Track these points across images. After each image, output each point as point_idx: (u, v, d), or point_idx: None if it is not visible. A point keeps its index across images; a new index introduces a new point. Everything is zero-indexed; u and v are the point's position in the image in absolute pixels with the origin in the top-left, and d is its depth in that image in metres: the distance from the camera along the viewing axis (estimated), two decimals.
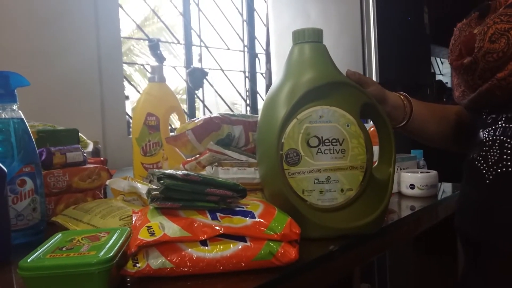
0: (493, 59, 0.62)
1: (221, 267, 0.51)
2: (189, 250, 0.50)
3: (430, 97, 2.36)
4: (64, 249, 0.48)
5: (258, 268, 0.52)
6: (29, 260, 0.45)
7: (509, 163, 0.62)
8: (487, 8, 0.67)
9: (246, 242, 0.52)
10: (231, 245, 0.52)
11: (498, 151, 0.64)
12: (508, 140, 0.63)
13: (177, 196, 0.54)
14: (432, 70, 2.62)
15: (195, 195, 0.55)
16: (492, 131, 0.66)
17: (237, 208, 0.57)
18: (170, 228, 0.51)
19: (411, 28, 2.27)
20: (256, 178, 0.74)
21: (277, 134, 0.64)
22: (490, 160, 0.65)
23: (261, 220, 0.54)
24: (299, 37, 0.69)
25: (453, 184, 1.11)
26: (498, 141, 0.64)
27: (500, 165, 0.63)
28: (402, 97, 0.80)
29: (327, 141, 0.65)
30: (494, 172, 0.64)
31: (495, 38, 0.62)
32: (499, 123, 0.66)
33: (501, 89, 0.63)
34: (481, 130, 0.70)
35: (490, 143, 0.66)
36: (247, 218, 0.54)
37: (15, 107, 0.67)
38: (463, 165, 0.73)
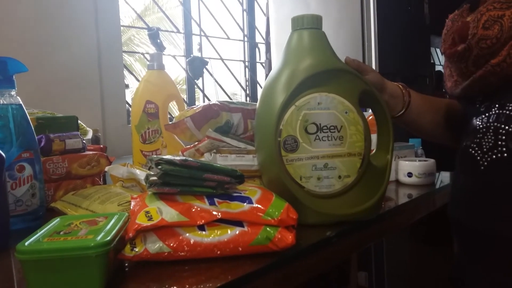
0: (487, 45, 0.62)
1: (219, 252, 0.51)
2: (187, 234, 0.51)
3: (429, 87, 2.35)
4: (62, 233, 0.48)
5: (255, 253, 0.52)
6: (26, 243, 0.45)
7: (504, 148, 0.62)
8: (477, 0, 0.67)
9: (244, 227, 0.52)
10: (229, 230, 0.52)
11: (493, 137, 0.64)
12: (502, 126, 0.63)
13: (175, 181, 0.54)
14: (432, 61, 2.61)
15: (193, 181, 0.55)
16: (486, 118, 0.66)
17: (235, 194, 0.57)
18: (168, 213, 0.51)
19: (411, 18, 2.25)
20: (254, 165, 0.74)
21: (275, 120, 0.64)
22: (484, 146, 0.65)
23: (259, 206, 0.54)
24: (298, 23, 0.69)
25: (451, 172, 1.11)
26: (492, 127, 0.64)
27: (495, 151, 0.63)
28: (400, 86, 0.80)
29: (325, 128, 0.65)
30: (489, 159, 0.64)
31: (489, 25, 0.62)
32: (493, 110, 0.66)
33: (495, 75, 0.63)
34: (474, 118, 0.70)
35: (484, 130, 0.66)
36: (245, 204, 0.55)
37: (13, 93, 0.67)
38: (457, 153, 0.73)
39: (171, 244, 0.50)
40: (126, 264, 0.52)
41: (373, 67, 2.06)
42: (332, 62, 0.68)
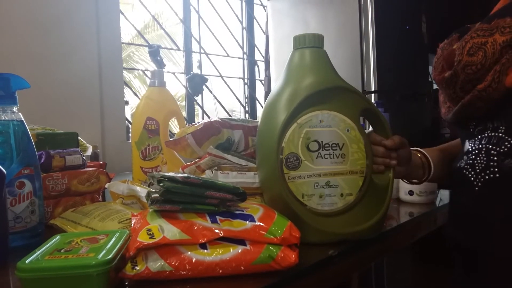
0: (472, 71, 0.65)
1: (221, 271, 0.50)
2: (189, 253, 0.50)
3: (427, 105, 2.36)
4: (62, 251, 0.47)
5: (257, 272, 0.52)
6: (27, 261, 0.44)
7: (496, 169, 0.64)
8: (466, 30, 0.70)
9: (246, 245, 0.52)
10: (231, 249, 0.51)
11: (485, 159, 0.66)
12: (494, 147, 0.65)
13: (177, 198, 0.54)
14: (430, 79, 2.63)
15: (195, 198, 0.55)
16: (478, 140, 0.69)
17: (237, 212, 0.57)
18: (170, 231, 0.51)
19: (409, 37, 2.28)
20: (255, 182, 0.74)
21: (277, 138, 0.64)
22: (477, 167, 0.67)
23: (261, 224, 0.54)
24: (300, 42, 0.69)
25: (450, 191, 1.11)
26: (484, 148, 0.66)
27: (488, 171, 0.65)
28: (419, 154, 0.81)
29: (327, 145, 0.65)
30: (482, 179, 0.66)
31: (473, 52, 0.65)
32: (485, 133, 0.68)
33: (482, 100, 0.65)
34: (467, 141, 0.72)
35: (476, 151, 0.68)
36: (247, 222, 0.54)
37: (15, 109, 0.67)
38: (452, 174, 0.74)
39: (173, 263, 0.49)
40: (127, 283, 0.51)
41: (372, 85, 2.08)
42: (333, 80, 0.68)
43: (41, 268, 0.43)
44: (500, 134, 0.65)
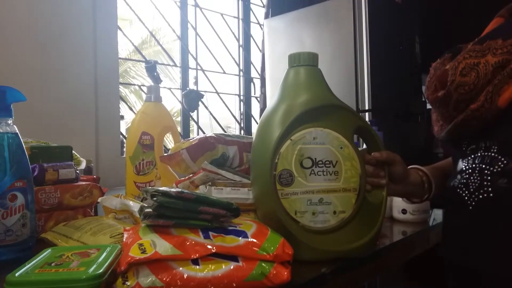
0: (465, 91, 0.66)
1: (212, 287, 0.50)
2: (180, 268, 0.50)
3: (421, 125, 2.39)
4: (53, 264, 0.47)
5: None
6: (16, 274, 0.44)
7: (489, 189, 0.64)
8: (458, 50, 0.72)
9: (238, 262, 0.52)
10: (223, 265, 0.51)
11: (478, 178, 0.66)
12: (487, 167, 0.65)
13: (170, 213, 0.54)
14: (423, 99, 2.67)
15: (188, 213, 0.55)
16: (471, 160, 0.69)
17: (230, 227, 0.57)
18: (162, 246, 0.50)
19: (403, 57, 2.32)
20: (249, 198, 0.74)
21: (271, 154, 0.64)
22: (471, 187, 0.67)
23: (254, 240, 0.54)
24: (295, 60, 0.70)
25: (443, 210, 1.11)
26: (478, 168, 0.67)
27: (481, 191, 0.65)
28: (420, 173, 0.80)
29: (320, 162, 0.65)
30: (476, 199, 0.66)
31: (466, 72, 0.66)
32: (478, 152, 0.68)
33: (475, 119, 0.66)
34: (460, 160, 0.72)
35: (470, 171, 0.68)
36: (240, 238, 0.54)
37: (10, 121, 0.67)
38: (445, 194, 0.75)
39: (164, 279, 0.49)
40: None
41: (366, 104, 2.10)
42: (327, 98, 0.69)
43: (30, 281, 0.43)
44: (493, 154, 0.65)
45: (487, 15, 0.80)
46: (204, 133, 2.47)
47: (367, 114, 2.11)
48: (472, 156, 0.69)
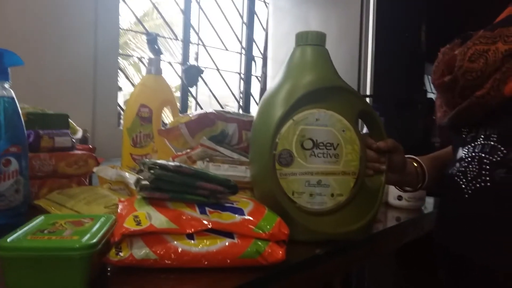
0: (472, 77, 0.65)
1: (206, 262, 0.50)
2: (175, 242, 0.49)
3: (421, 113, 2.38)
4: (45, 231, 0.46)
5: (243, 266, 0.51)
6: (8, 240, 0.43)
7: (487, 178, 0.64)
8: (469, 36, 0.70)
9: (234, 239, 0.51)
10: (218, 241, 0.51)
11: (477, 167, 0.66)
12: (487, 156, 0.65)
13: (167, 187, 0.53)
14: (425, 88, 2.65)
15: (185, 188, 0.54)
16: (471, 148, 0.69)
17: (227, 204, 0.56)
18: (157, 219, 0.50)
19: (408, 44, 2.29)
20: (246, 176, 0.73)
21: (272, 133, 0.63)
22: (469, 175, 0.67)
23: (250, 218, 0.53)
24: (302, 39, 0.69)
25: (435, 199, 1.11)
26: (477, 157, 0.67)
27: (479, 180, 0.65)
28: (415, 163, 0.80)
29: (321, 144, 0.64)
30: (473, 187, 0.66)
31: (474, 58, 0.65)
32: (478, 140, 0.68)
33: (480, 106, 0.66)
34: (460, 148, 0.72)
35: (469, 159, 0.68)
36: (236, 215, 0.54)
37: (7, 85, 0.65)
38: (443, 181, 0.75)
39: (158, 251, 0.49)
40: (109, 269, 0.50)
41: (368, 88, 2.08)
42: (333, 79, 0.68)
43: (22, 247, 0.42)
44: (493, 143, 0.65)
45: (494, 12, 0.78)
46: (202, 109, 2.45)
47: (368, 99, 2.09)
48: (472, 144, 0.69)
